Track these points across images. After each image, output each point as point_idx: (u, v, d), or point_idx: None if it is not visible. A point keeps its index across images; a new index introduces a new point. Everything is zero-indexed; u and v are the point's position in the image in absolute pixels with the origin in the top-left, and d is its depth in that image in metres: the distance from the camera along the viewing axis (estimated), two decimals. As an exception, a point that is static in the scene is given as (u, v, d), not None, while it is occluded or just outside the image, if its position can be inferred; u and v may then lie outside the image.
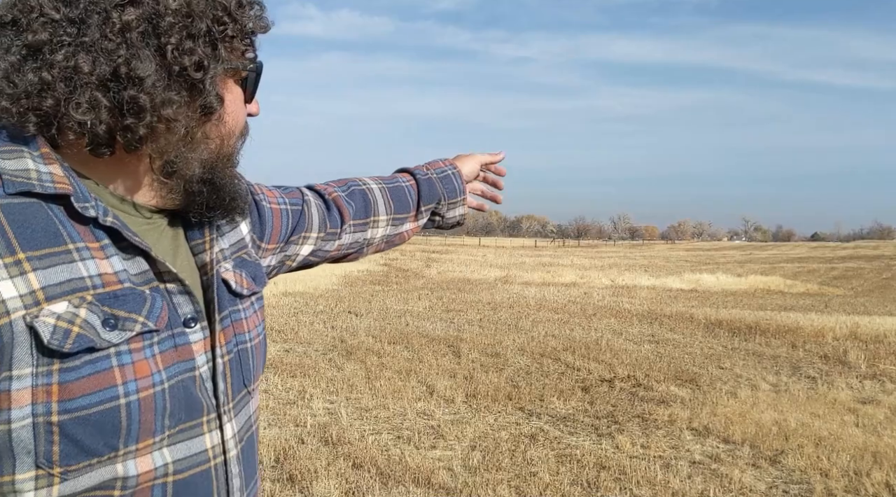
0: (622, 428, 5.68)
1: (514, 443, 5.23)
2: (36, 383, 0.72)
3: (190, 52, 0.79)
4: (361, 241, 1.34)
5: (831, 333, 10.56)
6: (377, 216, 1.35)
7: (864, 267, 32.85)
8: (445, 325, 10.99)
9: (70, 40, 0.75)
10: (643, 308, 14.30)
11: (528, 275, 23.70)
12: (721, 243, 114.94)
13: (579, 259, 39.49)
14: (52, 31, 0.75)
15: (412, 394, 6.53)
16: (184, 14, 0.79)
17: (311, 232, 1.24)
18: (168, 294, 0.84)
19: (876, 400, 6.82)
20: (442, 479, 4.41)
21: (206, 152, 0.86)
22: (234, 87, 0.89)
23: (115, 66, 0.76)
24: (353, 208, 1.32)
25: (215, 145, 0.88)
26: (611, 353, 8.85)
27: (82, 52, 0.75)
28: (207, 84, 0.82)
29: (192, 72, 0.80)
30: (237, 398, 0.92)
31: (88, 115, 0.76)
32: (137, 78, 0.76)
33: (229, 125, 0.89)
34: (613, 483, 4.45)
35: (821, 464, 4.84)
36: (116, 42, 0.76)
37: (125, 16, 0.76)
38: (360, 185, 1.35)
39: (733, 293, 19.57)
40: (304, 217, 1.23)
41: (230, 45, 0.85)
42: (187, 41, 0.79)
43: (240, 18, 0.84)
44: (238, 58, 0.87)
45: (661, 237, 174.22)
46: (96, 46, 0.75)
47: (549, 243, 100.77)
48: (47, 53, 0.75)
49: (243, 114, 0.92)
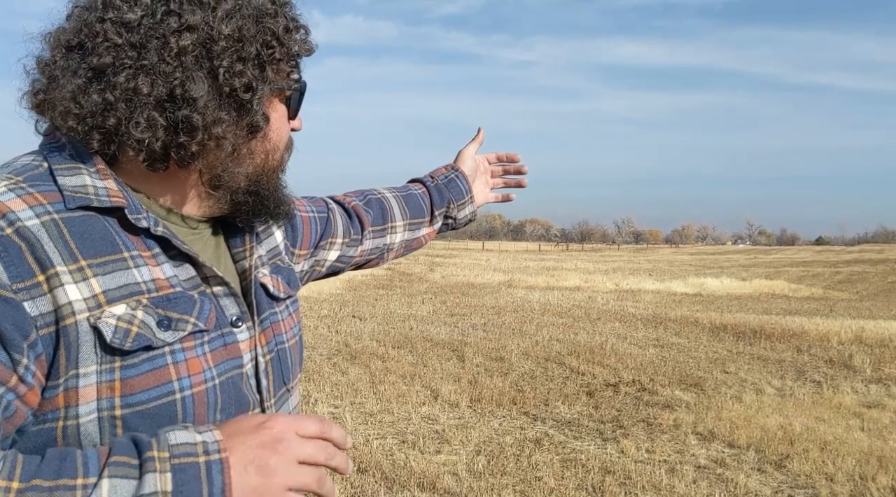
0: (627, 432, 5.67)
1: (518, 447, 5.22)
2: (100, 380, 0.79)
3: (240, 74, 0.85)
4: (382, 246, 1.42)
5: (836, 337, 10.53)
6: (394, 222, 1.42)
7: (868, 271, 32.74)
8: (449, 330, 10.99)
9: (131, 63, 0.81)
10: (648, 312, 14.28)
11: (532, 279, 23.68)
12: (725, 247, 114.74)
13: (583, 263, 39.45)
14: (115, 55, 0.81)
15: (416, 398, 6.53)
16: (235, 39, 0.84)
17: (336, 238, 1.32)
18: (215, 297, 0.92)
19: (881, 404, 6.80)
20: (447, 484, 4.41)
21: (251, 166, 0.93)
22: (278, 106, 0.95)
23: (172, 88, 0.81)
24: (372, 215, 1.39)
25: (260, 160, 0.93)
26: (615, 357, 8.84)
27: (142, 75, 0.81)
28: (255, 104, 0.87)
29: (241, 93, 0.85)
30: (278, 395, 1.00)
31: (147, 133, 0.82)
32: (191, 98, 0.82)
33: (274, 141, 0.95)
34: (618, 488, 4.45)
35: (826, 468, 4.83)
36: (173, 65, 0.81)
37: (182, 41, 0.82)
38: (375, 195, 1.43)
39: (738, 297, 19.53)
40: (330, 224, 1.31)
41: (277, 66, 0.90)
42: (238, 64, 0.85)
43: (286, 42, 0.90)
44: (283, 78, 0.93)
45: (665, 241, 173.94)
46: (154, 69, 0.81)
47: (553, 247, 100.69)
48: (111, 75, 0.81)
49: (287, 130, 0.98)
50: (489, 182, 1.59)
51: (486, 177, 1.59)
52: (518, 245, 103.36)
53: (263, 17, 0.87)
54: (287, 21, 0.90)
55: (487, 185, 1.59)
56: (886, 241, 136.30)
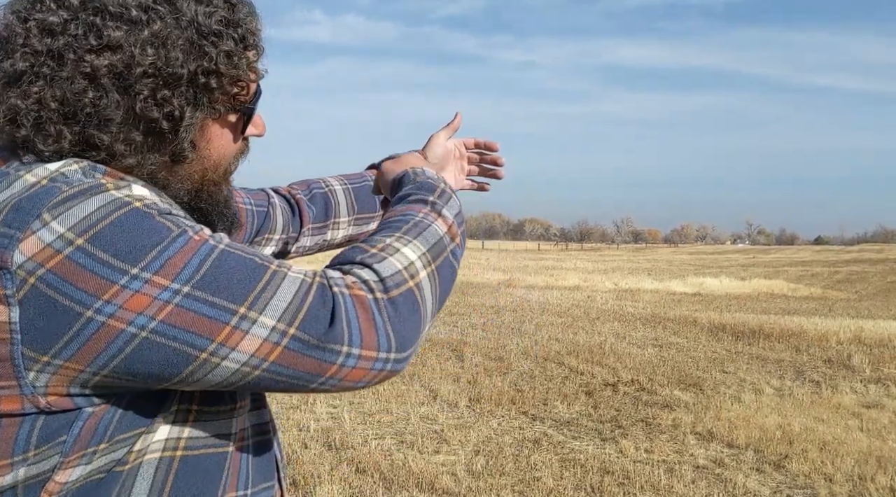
0: (626, 432, 5.67)
1: (517, 447, 5.22)
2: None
3: (162, 103, 0.80)
4: (322, 242, 1.38)
5: (835, 337, 10.53)
6: (338, 218, 1.37)
7: (868, 270, 32.76)
8: (449, 329, 10.98)
9: (48, 72, 0.77)
10: (647, 312, 14.28)
11: (532, 278, 23.69)
12: (724, 247, 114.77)
13: (582, 262, 39.46)
14: (32, 63, 0.77)
15: (415, 398, 6.53)
16: (159, 66, 0.78)
17: (274, 234, 1.28)
18: None
19: (880, 404, 6.80)
20: (445, 484, 4.40)
21: (189, 184, 0.88)
22: (216, 126, 0.88)
23: (82, 105, 0.77)
24: (314, 212, 1.34)
25: (198, 177, 0.89)
26: (614, 357, 8.84)
27: (56, 87, 0.77)
28: (180, 132, 0.82)
29: (162, 122, 0.80)
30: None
31: (52, 146, 0.78)
32: (104, 119, 0.78)
33: (214, 158, 0.89)
34: (617, 488, 4.44)
35: (825, 468, 4.83)
36: (84, 83, 0.77)
37: (97, 60, 0.77)
38: (322, 188, 1.37)
39: (737, 297, 19.54)
40: (269, 218, 1.27)
41: (213, 95, 0.84)
42: (162, 90, 0.79)
43: (226, 70, 0.83)
44: (227, 101, 0.86)
45: (665, 240, 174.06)
46: (68, 83, 0.77)
47: (553, 246, 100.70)
48: (25, 83, 0.77)
49: (232, 145, 0.92)
50: (464, 168, 1.41)
51: (463, 163, 1.41)
52: (517, 244, 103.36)
53: (204, 39, 0.81)
54: (235, 43, 0.83)
55: (462, 172, 1.41)
56: (886, 240, 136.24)
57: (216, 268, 0.74)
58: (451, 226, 0.92)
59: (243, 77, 0.86)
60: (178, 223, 0.75)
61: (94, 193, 0.73)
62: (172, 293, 0.71)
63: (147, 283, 0.71)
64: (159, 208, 0.76)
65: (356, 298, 0.77)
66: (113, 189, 0.75)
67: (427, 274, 0.84)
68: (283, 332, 0.74)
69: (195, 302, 0.72)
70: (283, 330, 0.74)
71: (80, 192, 0.73)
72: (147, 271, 0.71)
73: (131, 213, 0.73)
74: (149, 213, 0.74)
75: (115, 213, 0.72)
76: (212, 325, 0.72)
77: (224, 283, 0.73)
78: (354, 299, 0.77)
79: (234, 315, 0.73)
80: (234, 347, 0.73)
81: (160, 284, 0.71)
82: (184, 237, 0.74)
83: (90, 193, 0.73)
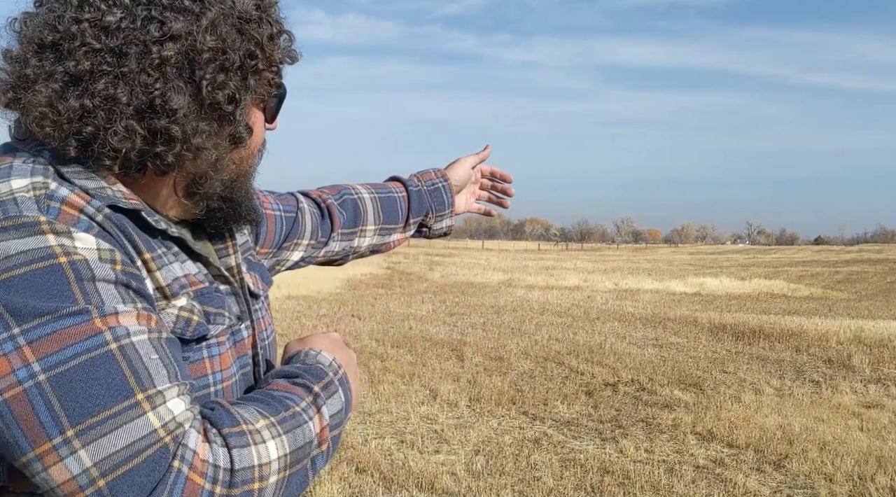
0: (626, 432, 5.67)
1: (517, 447, 5.22)
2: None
3: (223, 86, 0.82)
4: (348, 248, 1.39)
5: (835, 337, 10.52)
6: (365, 226, 1.39)
7: (868, 271, 32.74)
8: (449, 329, 10.98)
9: (110, 69, 0.78)
10: (647, 312, 14.27)
11: (532, 278, 23.67)
12: (725, 247, 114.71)
13: (582, 262, 39.43)
14: (94, 61, 0.78)
15: (415, 398, 6.53)
16: (219, 50, 0.81)
17: (303, 239, 1.29)
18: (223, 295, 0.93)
19: (880, 404, 6.80)
20: (445, 484, 4.40)
21: (227, 173, 0.90)
22: (256, 111, 0.92)
23: (151, 98, 0.78)
24: (344, 217, 1.36)
25: (236, 166, 0.91)
26: (614, 356, 8.84)
27: (122, 83, 0.78)
28: (238, 115, 0.85)
29: (224, 105, 0.83)
30: None
31: (125, 142, 0.79)
32: (171, 109, 0.79)
33: (251, 148, 0.93)
34: (617, 488, 4.44)
35: (825, 468, 4.83)
36: (154, 75, 0.78)
37: (164, 51, 0.78)
38: (352, 195, 1.39)
39: (737, 297, 19.52)
40: (297, 224, 1.27)
41: (259, 76, 0.88)
42: (220, 75, 0.82)
43: (269, 51, 0.88)
44: (265, 86, 0.91)
45: (665, 241, 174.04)
46: (135, 78, 0.78)
47: (553, 246, 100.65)
48: (88, 82, 0.78)
49: (262, 134, 0.96)
50: (475, 192, 1.58)
51: (475, 187, 1.57)
52: (518, 244, 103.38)
53: (247, 24, 0.84)
54: (271, 28, 0.88)
55: (473, 196, 1.57)
56: (885, 240, 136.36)
57: (81, 370, 0.69)
58: (324, 429, 0.84)
59: (282, 59, 0.91)
60: (91, 296, 0.72)
61: (26, 234, 0.72)
62: (28, 375, 0.68)
63: (16, 350, 0.68)
64: (85, 271, 0.72)
65: (190, 484, 0.70)
66: (49, 233, 0.73)
67: (276, 480, 0.76)
68: (91, 480, 0.67)
69: (39, 397, 0.68)
70: (93, 477, 0.67)
71: (13, 226, 0.72)
72: (23, 337, 0.68)
73: (48, 269, 0.71)
74: (65, 275, 0.71)
75: (31, 265, 0.70)
76: (38, 433, 0.68)
77: (76, 393, 0.68)
78: (187, 484, 0.69)
79: (60, 434, 0.67)
80: (46, 468, 0.68)
81: (24, 359, 0.68)
82: (80, 317, 0.70)
83: (22, 233, 0.72)
